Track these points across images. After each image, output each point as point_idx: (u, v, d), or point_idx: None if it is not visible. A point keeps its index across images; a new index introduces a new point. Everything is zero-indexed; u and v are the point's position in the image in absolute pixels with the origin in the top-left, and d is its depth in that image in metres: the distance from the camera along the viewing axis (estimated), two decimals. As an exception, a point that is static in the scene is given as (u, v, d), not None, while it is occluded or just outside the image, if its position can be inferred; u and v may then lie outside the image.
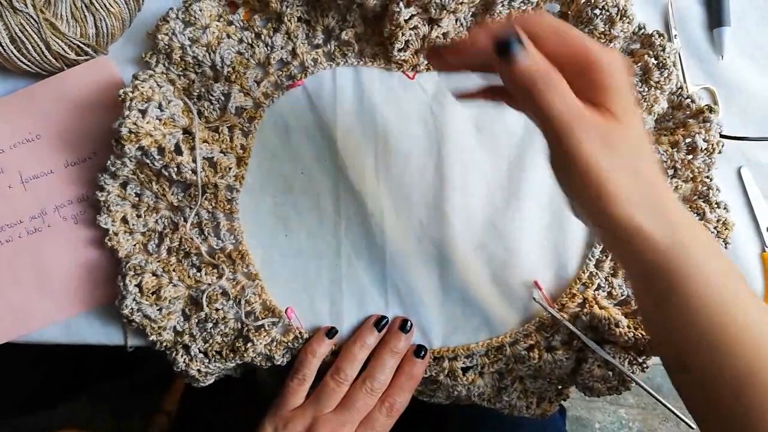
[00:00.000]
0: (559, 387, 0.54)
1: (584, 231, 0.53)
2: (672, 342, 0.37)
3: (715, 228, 0.51)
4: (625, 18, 0.50)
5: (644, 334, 0.49)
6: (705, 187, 0.52)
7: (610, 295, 0.52)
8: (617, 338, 0.49)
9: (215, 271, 0.52)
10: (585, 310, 0.50)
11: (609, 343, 0.51)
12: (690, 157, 0.50)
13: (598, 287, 0.51)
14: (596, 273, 0.52)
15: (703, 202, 0.52)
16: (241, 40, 0.53)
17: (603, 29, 0.50)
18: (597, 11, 0.49)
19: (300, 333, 0.52)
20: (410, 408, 0.51)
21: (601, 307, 0.50)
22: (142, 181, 0.51)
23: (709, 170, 0.51)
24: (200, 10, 0.51)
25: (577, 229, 0.53)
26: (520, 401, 0.52)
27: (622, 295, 0.51)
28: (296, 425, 0.49)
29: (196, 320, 0.51)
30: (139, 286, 0.50)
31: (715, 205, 0.52)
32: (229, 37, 0.52)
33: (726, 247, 0.52)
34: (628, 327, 0.49)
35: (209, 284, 0.51)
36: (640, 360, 0.50)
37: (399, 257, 0.53)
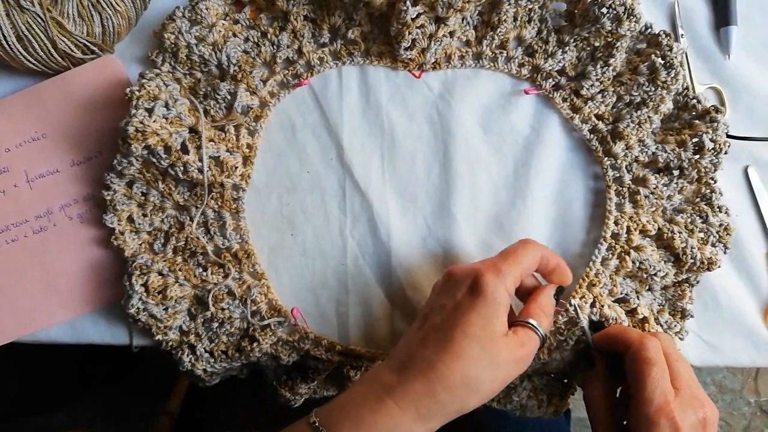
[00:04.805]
0: (565, 381, 0.54)
1: (588, 230, 0.53)
2: None
3: (717, 233, 0.51)
4: (632, 17, 0.50)
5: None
6: (708, 190, 0.52)
7: (610, 293, 0.51)
8: None
9: (221, 270, 0.52)
10: (595, 309, 0.49)
11: None
12: (697, 156, 0.50)
13: (603, 285, 0.51)
14: (602, 271, 0.51)
15: (706, 204, 0.51)
16: (247, 39, 0.53)
17: (610, 28, 0.50)
18: (604, 10, 0.49)
19: (306, 333, 0.52)
20: None
21: (608, 306, 0.50)
22: (148, 180, 0.51)
23: (715, 170, 0.51)
24: (206, 9, 0.51)
25: (581, 228, 0.53)
26: (531, 400, 0.52)
27: (620, 293, 0.51)
28: None
29: (202, 320, 0.51)
30: (145, 285, 0.49)
31: (717, 209, 0.51)
32: (235, 35, 0.52)
33: (725, 252, 0.51)
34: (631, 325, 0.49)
35: (215, 284, 0.51)
36: None
37: (405, 257, 0.53)
